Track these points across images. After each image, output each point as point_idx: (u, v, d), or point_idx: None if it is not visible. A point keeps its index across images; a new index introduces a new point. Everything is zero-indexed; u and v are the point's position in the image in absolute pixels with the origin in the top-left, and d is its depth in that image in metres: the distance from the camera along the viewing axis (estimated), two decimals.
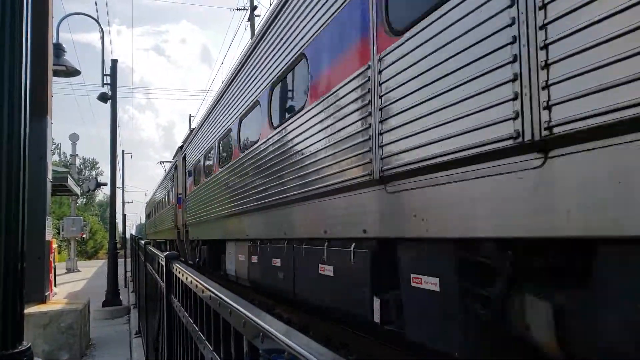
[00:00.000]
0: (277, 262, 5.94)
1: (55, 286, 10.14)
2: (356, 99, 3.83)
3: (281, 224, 5.65)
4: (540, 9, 2.19)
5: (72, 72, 9.02)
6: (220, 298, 1.45)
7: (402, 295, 3.48)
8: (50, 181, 6.58)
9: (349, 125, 3.91)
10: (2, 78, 1.85)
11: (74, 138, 22.34)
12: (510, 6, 2.35)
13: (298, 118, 4.98)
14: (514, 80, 2.33)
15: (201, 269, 10.13)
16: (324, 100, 4.39)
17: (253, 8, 19.81)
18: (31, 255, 5.64)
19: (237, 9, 22.03)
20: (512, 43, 2.34)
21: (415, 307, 3.34)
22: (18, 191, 1.88)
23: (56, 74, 8.45)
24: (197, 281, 1.87)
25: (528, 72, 2.26)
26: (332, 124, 4.21)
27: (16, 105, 1.89)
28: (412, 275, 3.31)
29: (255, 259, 6.89)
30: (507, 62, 2.37)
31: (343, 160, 4.00)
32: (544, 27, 2.18)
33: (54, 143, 58.92)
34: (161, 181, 22.82)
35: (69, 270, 20.70)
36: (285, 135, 5.39)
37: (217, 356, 1.55)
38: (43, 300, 6.18)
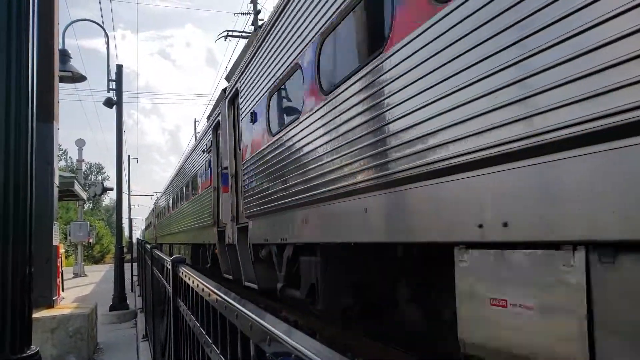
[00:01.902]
0: None
1: (62, 291, 10.19)
2: None
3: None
4: None
5: (78, 78, 9.09)
6: (227, 301, 1.45)
7: None
8: (57, 186, 6.62)
9: None
10: (9, 84, 1.86)
11: (80, 143, 22.47)
12: None
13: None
14: None
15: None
16: None
17: (256, 12, 19.87)
18: (39, 260, 5.67)
19: (241, 13, 22.12)
20: None
21: None
22: (25, 196, 1.89)
23: (62, 79, 8.51)
24: (203, 284, 1.87)
25: None
26: None
27: (23, 111, 1.90)
28: None
29: None
30: None
31: None
32: None
33: (61, 148, 59.35)
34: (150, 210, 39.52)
35: (76, 275, 20.78)
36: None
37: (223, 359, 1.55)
38: (51, 304, 6.21)
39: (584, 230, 2.00)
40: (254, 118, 6.62)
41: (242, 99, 7.32)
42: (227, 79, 9.93)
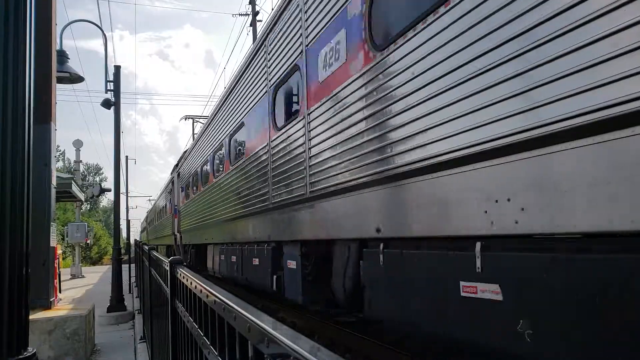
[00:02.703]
0: None
1: (60, 292, 10.17)
2: None
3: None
4: None
5: (76, 79, 9.07)
6: (225, 303, 1.45)
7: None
8: (55, 187, 6.60)
9: None
10: (7, 85, 1.86)
11: (77, 144, 22.47)
12: None
13: None
14: None
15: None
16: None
17: (255, 13, 19.89)
18: (36, 261, 5.66)
19: (240, 15, 22.07)
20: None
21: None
22: (22, 197, 1.89)
23: (60, 80, 8.49)
24: (201, 286, 1.87)
25: None
26: None
27: (20, 112, 1.90)
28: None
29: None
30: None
31: None
32: None
33: (58, 149, 59.26)
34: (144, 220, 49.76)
35: (73, 276, 20.75)
36: None
37: None
38: (48, 306, 6.19)
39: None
40: (182, 189, 14.56)
41: (179, 179, 15.65)
42: (177, 163, 16.92)
